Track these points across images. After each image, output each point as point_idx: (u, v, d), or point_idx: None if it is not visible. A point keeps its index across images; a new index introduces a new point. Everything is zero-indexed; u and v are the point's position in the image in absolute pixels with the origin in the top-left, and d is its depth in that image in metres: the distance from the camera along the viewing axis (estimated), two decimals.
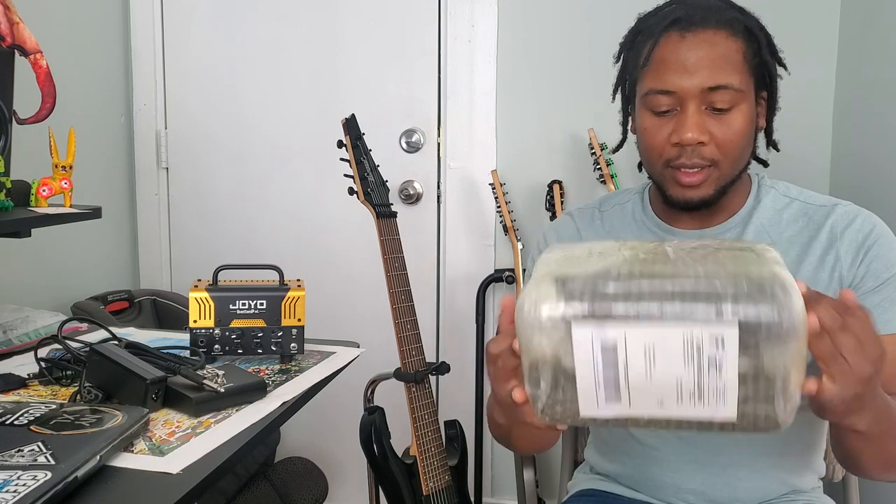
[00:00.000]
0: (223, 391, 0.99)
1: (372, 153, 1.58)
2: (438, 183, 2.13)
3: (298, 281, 1.27)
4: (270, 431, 0.99)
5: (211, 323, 1.21)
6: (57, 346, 1.15)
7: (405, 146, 2.13)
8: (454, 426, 1.70)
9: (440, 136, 2.11)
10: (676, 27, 0.97)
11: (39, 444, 0.80)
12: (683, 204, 1.03)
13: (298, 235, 2.23)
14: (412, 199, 2.13)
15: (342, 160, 1.57)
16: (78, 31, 2.04)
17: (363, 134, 1.57)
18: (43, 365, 1.11)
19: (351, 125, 1.55)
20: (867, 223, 1.03)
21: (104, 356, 1.03)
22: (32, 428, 0.85)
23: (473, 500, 2.04)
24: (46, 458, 0.76)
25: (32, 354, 1.13)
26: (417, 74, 2.11)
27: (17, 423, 0.86)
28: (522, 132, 2.06)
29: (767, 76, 1.01)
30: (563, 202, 1.96)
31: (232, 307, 1.21)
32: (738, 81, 0.96)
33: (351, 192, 1.58)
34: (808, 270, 1.03)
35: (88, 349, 1.07)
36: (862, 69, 1.78)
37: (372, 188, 1.57)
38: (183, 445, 0.88)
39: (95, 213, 1.33)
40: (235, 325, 1.22)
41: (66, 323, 1.22)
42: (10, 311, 1.39)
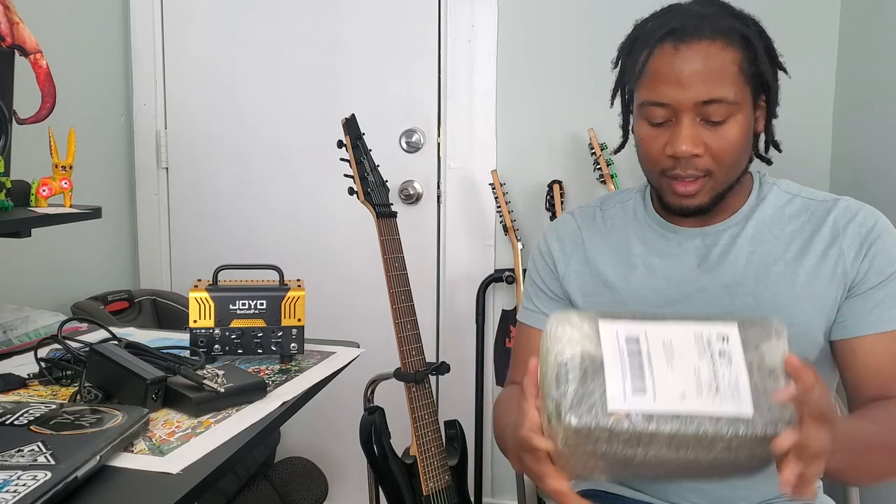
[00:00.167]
0: (223, 391, 0.99)
1: (372, 153, 1.58)
2: (438, 183, 2.13)
3: (298, 281, 1.27)
4: (270, 431, 0.99)
5: (211, 323, 1.21)
6: (57, 346, 1.15)
7: (405, 146, 2.13)
8: (454, 426, 1.70)
9: (440, 136, 2.11)
10: (671, 38, 0.96)
11: (39, 444, 0.80)
12: (680, 211, 1.04)
13: (298, 235, 2.23)
14: (412, 199, 2.13)
15: (342, 160, 1.57)
16: (78, 31, 2.04)
17: (363, 134, 1.57)
18: (43, 365, 1.11)
19: (351, 125, 1.55)
20: (870, 217, 1.04)
21: (104, 356, 1.03)
22: (32, 428, 0.85)
23: (473, 500, 2.04)
24: (46, 458, 0.76)
25: (32, 354, 1.13)
26: (417, 74, 2.11)
27: (17, 423, 0.86)
28: (522, 132, 2.06)
29: (766, 82, 1.00)
30: (563, 202, 1.96)
31: (232, 307, 1.21)
32: (732, 94, 0.96)
33: (351, 192, 1.58)
34: (809, 265, 1.03)
35: (88, 349, 1.07)
36: (862, 69, 1.78)
37: (372, 188, 1.57)
38: (183, 445, 0.88)
39: (95, 213, 1.33)
40: (235, 325, 1.22)
41: (66, 323, 1.22)
42: (10, 311, 1.39)
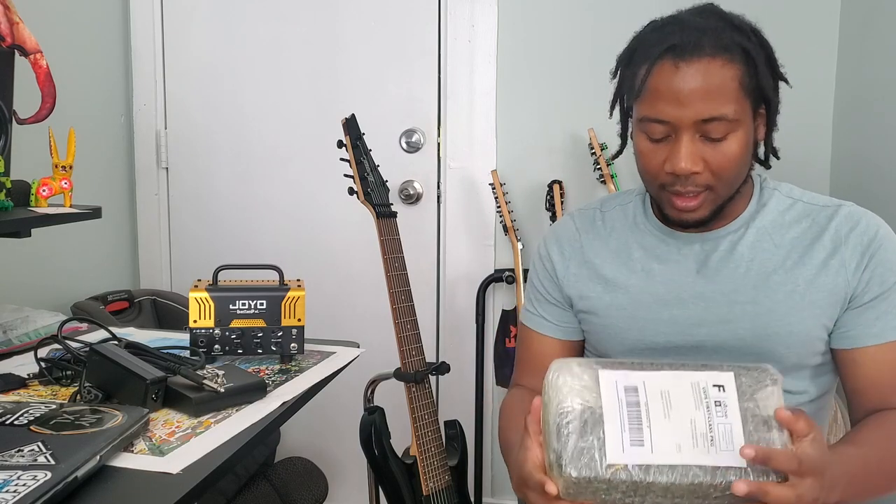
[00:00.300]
0: (223, 391, 0.99)
1: (372, 153, 1.58)
2: (438, 183, 2.13)
3: (298, 281, 1.27)
4: (270, 431, 0.99)
5: (211, 323, 1.21)
6: (57, 346, 1.15)
7: (405, 146, 2.13)
8: (454, 426, 1.70)
9: (440, 136, 2.11)
10: (671, 55, 0.94)
11: (39, 444, 0.80)
12: (680, 224, 1.04)
13: (298, 235, 2.23)
14: (412, 199, 2.13)
15: (342, 160, 1.57)
16: (78, 31, 2.04)
17: (363, 134, 1.57)
18: (43, 365, 1.11)
19: (351, 125, 1.55)
20: (871, 226, 1.03)
21: (104, 356, 1.03)
22: (32, 428, 0.85)
23: (473, 500, 2.04)
24: (46, 458, 0.76)
25: (32, 354, 1.13)
26: (417, 74, 2.11)
27: (17, 423, 0.86)
28: (522, 132, 2.06)
29: (766, 93, 0.99)
30: (563, 202, 1.96)
31: (232, 307, 1.21)
32: (732, 111, 0.94)
33: (351, 192, 1.58)
34: (809, 274, 1.02)
35: (88, 349, 1.07)
36: (862, 69, 1.78)
37: (372, 188, 1.57)
38: (183, 445, 0.88)
39: (95, 213, 1.33)
40: (235, 325, 1.22)
41: (66, 323, 1.22)
42: (10, 311, 1.39)
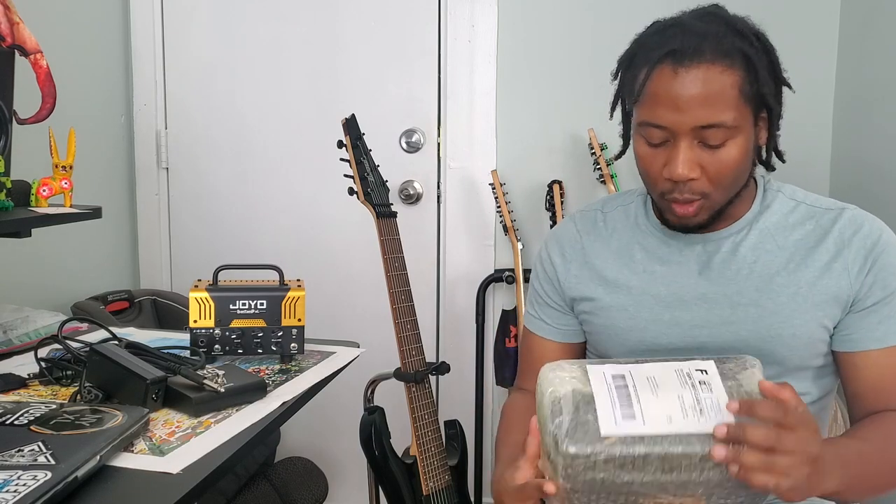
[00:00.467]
0: (223, 391, 0.99)
1: (372, 153, 1.58)
2: (438, 183, 2.13)
3: (298, 281, 1.27)
4: (270, 431, 0.99)
5: (211, 323, 1.21)
6: (57, 346, 1.15)
7: (405, 146, 2.13)
8: (454, 426, 1.70)
9: (440, 136, 2.11)
10: (670, 60, 0.93)
11: (39, 444, 0.80)
12: (680, 229, 1.04)
13: (298, 235, 2.23)
14: (412, 199, 2.13)
15: (342, 160, 1.57)
16: (78, 31, 2.04)
17: (363, 134, 1.57)
18: (43, 365, 1.11)
19: (351, 125, 1.55)
20: (875, 230, 1.03)
21: (104, 356, 1.03)
22: (32, 428, 0.85)
23: (473, 500, 2.04)
24: (46, 458, 0.76)
25: (32, 354, 1.13)
26: (417, 74, 2.11)
27: (17, 423, 0.86)
28: (522, 132, 2.06)
29: (767, 100, 0.98)
30: (563, 202, 1.96)
31: (232, 307, 1.21)
32: (731, 118, 0.93)
33: (351, 192, 1.58)
34: (812, 276, 1.02)
35: (88, 349, 1.07)
36: (862, 69, 1.78)
37: (372, 188, 1.57)
38: (183, 445, 0.88)
39: (95, 213, 1.33)
40: (235, 325, 1.22)
41: (66, 323, 1.22)
42: (10, 311, 1.39)
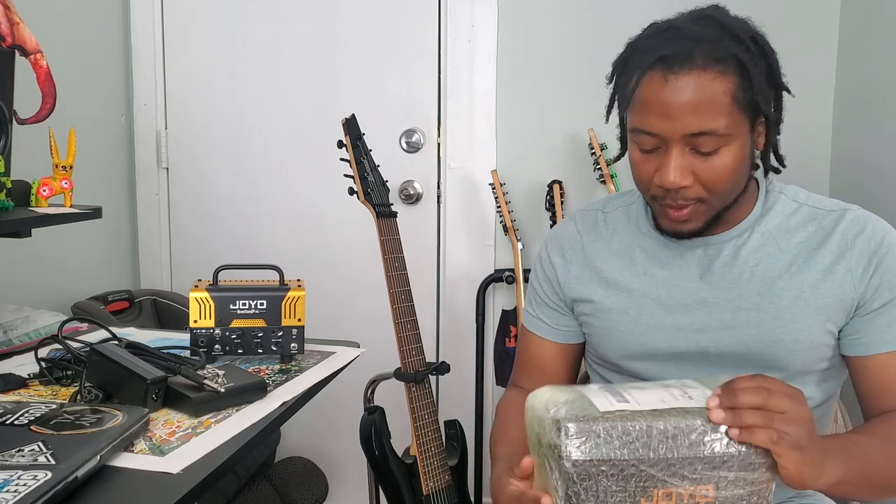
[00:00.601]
0: (223, 391, 0.99)
1: (372, 153, 1.58)
2: (438, 183, 2.13)
3: (298, 281, 1.27)
4: (270, 431, 0.99)
5: (211, 323, 1.21)
6: (57, 346, 1.15)
7: (405, 146, 2.13)
8: (454, 426, 1.70)
9: (440, 136, 2.11)
10: (661, 66, 0.91)
11: (40, 444, 0.80)
12: (674, 235, 1.02)
13: (298, 235, 2.23)
14: (412, 199, 2.13)
15: (342, 160, 1.57)
16: (78, 31, 2.04)
17: (363, 134, 1.57)
18: (43, 365, 1.11)
19: (351, 125, 1.55)
20: (878, 231, 1.01)
21: (104, 356, 1.03)
22: (33, 428, 0.85)
23: (473, 500, 2.04)
24: (47, 457, 0.76)
25: (33, 354, 1.13)
26: (417, 74, 2.11)
27: (17, 423, 0.86)
28: (522, 132, 2.06)
29: (762, 107, 0.94)
30: (563, 202, 1.96)
31: (232, 307, 1.21)
32: (723, 126, 0.91)
33: (351, 192, 1.58)
34: (814, 279, 1.00)
35: (89, 349, 1.07)
36: (862, 69, 1.78)
37: (372, 188, 1.57)
38: (183, 445, 0.88)
39: (95, 213, 1.33)
40: (236, 325, 1.22)
41: (66, 323, 1.22)
42: (10, 311, 1.39)
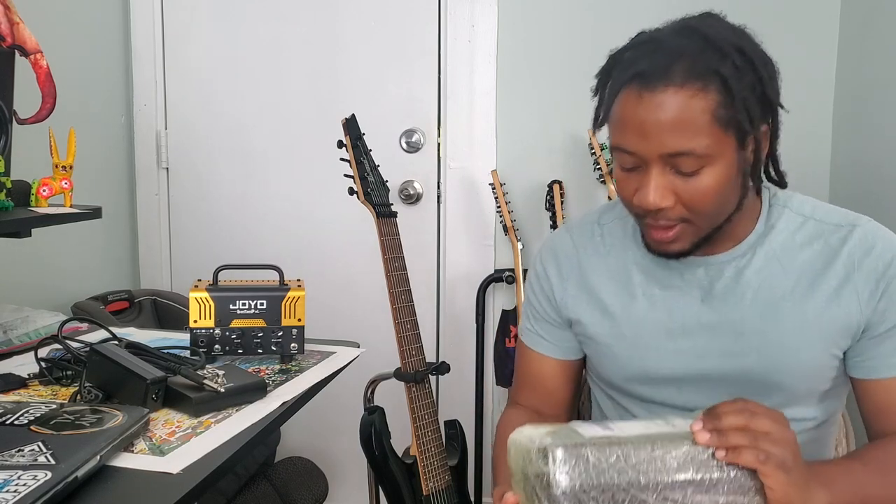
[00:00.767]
0: (223, 391, 0.99)
1: (372, 153, 1.58)
2: (438, 183, 2.13)
3: (298, 281, 1.27)
4: (270, 431, 0.99)
5: (211, 323, 1.21)
6: (57, 346, 1.15)
7: (405, 146, 2.13)
8: (454, 426, 1.70)
9: (440, 136, 2.11)
10: (637, 82, 0.87)
11: (39, 443, 0.80)
12: (661, 255, 0.97)
13: (298, 235, 2.23)
14: (412, 199, 2.13)
15: (342, 160, 1.57)
16: (78, 31, 2.04)
17: (363, 134, 1.56)
18: (43, 365, 1.11)
19: (351, 125, 1.55)
20: (887, 250, 0.95)
21: (104, 356, 1.03)
22: (33, 428, 0.85)
23: (473, 500, 2.04)
24: (46, 457, 0.76)
25: (32, 354, 1.13)
26: (417, 74, 2.11)
27: (17, 423, 0.86)
28: (522, 132, 2.06)
29: (743, 126, 0.87)
30: (563, 202, 1.96)
31: (232, 307, 1.21)
32: (703, 146, 0.85)
33: (351, 192, 1.58)
34: (820, 302, 0.95)
35: (88, 349, 1.07)
36: (862, 69, 1.78)
37: (372, 188, 1.57)
38: (183, 445, 0.88)
39: (95, 213, 1.33)
40: (235, 325, 1.22)
41: (66, 323, 1.22)
42: (10, 311, 1.39)
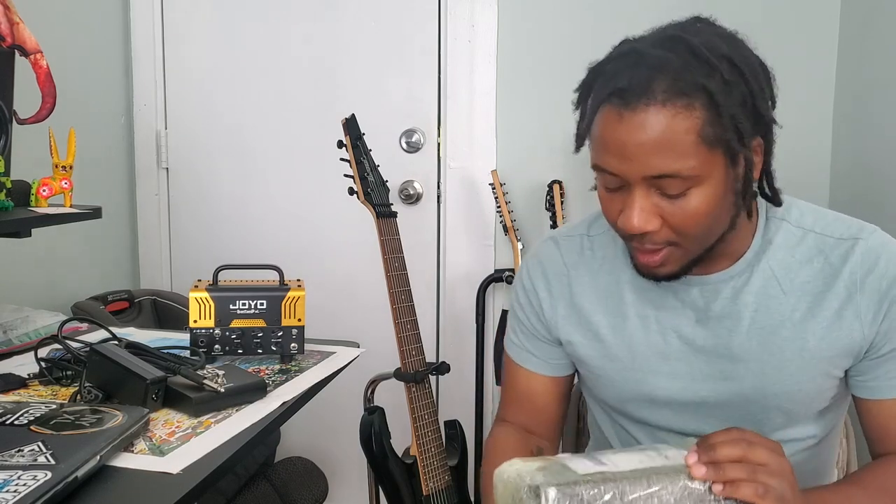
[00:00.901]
0: (223, 391, 0.99)
1: (372, 153, 1.58)
2: (438, 183, 2.13)
3: (298, 281, 1.27)
4: (270, 431, 0.99)
5: (211, 323, 1.21)
6: (57, 346, 1.15)
7: (405, 146, 2.13)
8: (454, 426, 1.70)
9: (440, 136, 2.11)
10: (616, 100, 0.81)
11: (39, 444, 0.80)
12: (650, 278, 0.92)
13: (298, 235, 2.23)
14: (412, 199, 2.13)
15: (342, 160, 1.57)
16: (78, 31, 2.04)
17: (363, 134, 1.57)
18: (43, 365, 1.11)
19: (351, 125, 1.55)
20: (892, 265, 0.89)
21: (104, 356, 1.03)
22: (32, 428, 0.85)
23: (473, 500, 2.04)
24: (46, 458, 0.76)
25: (32, 354, 1.13)
26: (417, 74, 2.11)
27: (17, 423, 0.86)
28: (522, 132, 2.06)
29: (735, 143, 0.80)
30: (563, 202, 1.96)
31: (232, 307, 1.21)
32: (689, 167, 0.79)
33: (351, 192, 1.58)
34: (820, 327, 0.90)
35: (88, 349, 1.07)
36: (862, 69, 1.78)
37: (372, 188, 1.57)
38: (183, 445, 0.88)
39: (95, 213, 1.33)
40: (235, 325, 1.22)
41: (66, 323, 1.22)
42: (10, 311, 1.39)
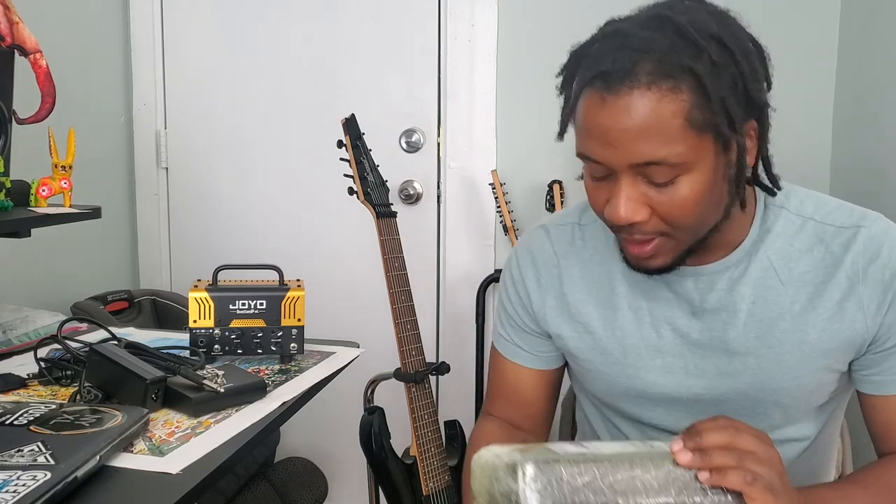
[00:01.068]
0: (223, 391, 0.99)
1: (372, 153, 1.58)
2: (438, 183, 2.13)
3: (298, 281, 1.27)
4: (270, 431, 0.99)
5: (211, 323, 1.21)
6: (57, 346, 1.15)
7: (405, 146, 2.13)
8: (454, 426, 1.70)
9: (440, 136, 2.11)
10: (599, 84, 0.77)
11: (39, 444, 0.80)
12: (641, 271, 0.89)
13: (298, 235, 2.23)
14: (412, 199, 2.13)
15: (342, 160, 1.57)
16: (78, 31, 2.04)
17: (363, 134, 1.57)
18: (43, 365, 1.11)
19: (351, 125, 1.55)
20: (894, 255, 0.86)
21: (104, 356, 1.03)
22: (32, 428, 0.85)
23: None
24: (46, 458, 0.76)
25: (32, 354, 1.13)
26: (417, 74, 2.11)
27: (16, 423, 0.86)
28: (522, 132, 2.06)
29: (721, 130, 0.77)
30: (563, 202, 1.96)
31: (232, 307, 1.21)
32: (676, 153, 0.76)
33: (351, 192, 1.58)
34: (821, 319, 0.88)
35: (88, 349, 1.07)
36: (862, 69, 1.78)
37: (372, 188, 1.57)
38: (183, 445, 0.88)
39: (95, 213, 1.33)
40: (235, 325, 1.22)
41: (65, 323, 1.22)
42: (10, 311, 1.39)
